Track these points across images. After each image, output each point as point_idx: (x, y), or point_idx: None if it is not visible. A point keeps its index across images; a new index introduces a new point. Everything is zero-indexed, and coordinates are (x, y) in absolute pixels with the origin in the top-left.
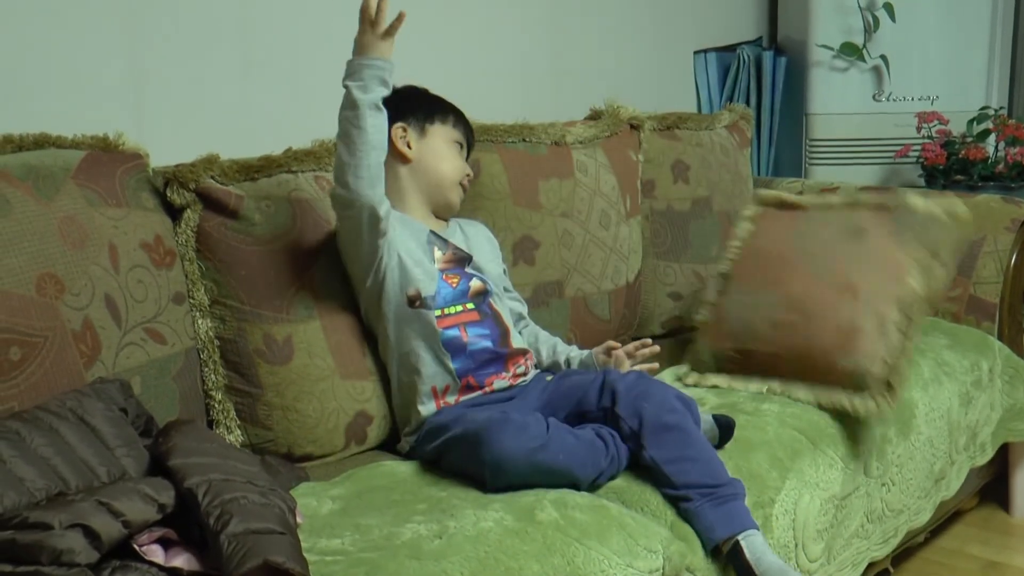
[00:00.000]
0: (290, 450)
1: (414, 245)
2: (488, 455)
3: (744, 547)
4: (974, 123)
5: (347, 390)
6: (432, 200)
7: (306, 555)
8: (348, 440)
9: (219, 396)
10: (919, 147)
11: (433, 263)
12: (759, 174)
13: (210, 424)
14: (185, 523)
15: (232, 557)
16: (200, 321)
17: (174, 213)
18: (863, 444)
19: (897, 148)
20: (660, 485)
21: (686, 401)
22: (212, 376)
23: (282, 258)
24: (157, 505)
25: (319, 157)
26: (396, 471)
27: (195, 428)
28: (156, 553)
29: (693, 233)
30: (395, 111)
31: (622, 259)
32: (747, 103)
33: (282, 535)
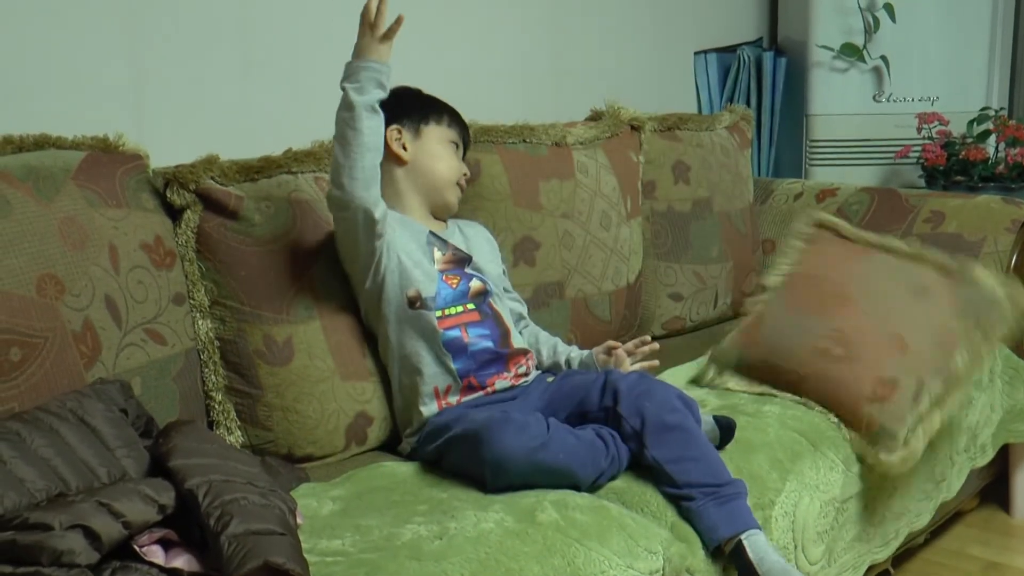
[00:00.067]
0: (290, 451)
1: (414, 246)
2: (489, 454)
3: (747, 546)
4: (974, 124)
5: (347, 391)
6: (430, 201)
7: (306, 556)
8: (348, 441)
9: (219, 397)
10: (919, 148)
11: (433, 264)
12: (759, 175)
13: (210, 425)
14: (185, 524)
15: (232, 558)
16: (200, 322)
17: (174, 214)
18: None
19: (897, 149)
20: (662, 484)
21: (687, 401)
22: (212, 377)
23: (282, 259)
24: (157, 506)
25: (319, 158)
26: (396, 472)
27: (195, 429)
28: (156, 554)
29: (694, 234)
30: (389, 113)
31: (623, 260)
32: (747, 104)
33: (282, 536)
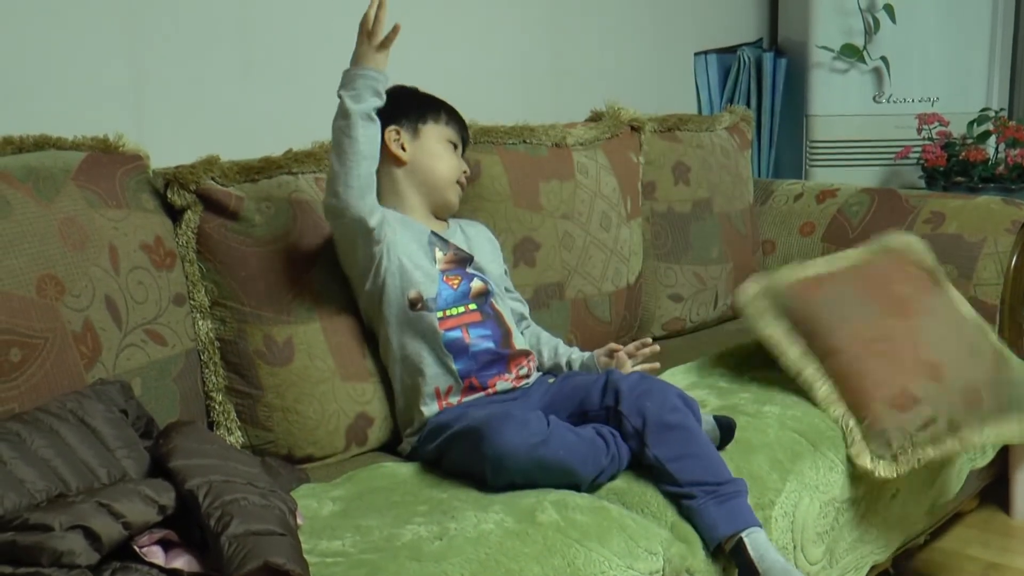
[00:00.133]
0: (291, 452)
1: (415, 247)
2: (489, 450)
3: (747, 544)
4: (974, 125)
5: (348, 392)
6: (431, 200)
7: (306, 556)
8: (349, 442)
9: (219, 397)
10: (919, 149)
11: (434, 264)
12: (759, 176)
13: (210, 426)
14: (186, 524)
15: (233, 558)
16: (200, 322)
17: (174, 214)
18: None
19: (897, 150)
20: (663, 483)
21: (688, 401)
22: (212, 377)
23: (282, 259)
24: (158, 506)
25: (319, 158)
26: (397, 472)
27: (196, 430)
28: (156, 554)
29: (694, 235)
30: (387, 114)
31: (623, 261)
32: (747, 105)
33: (282, 536)
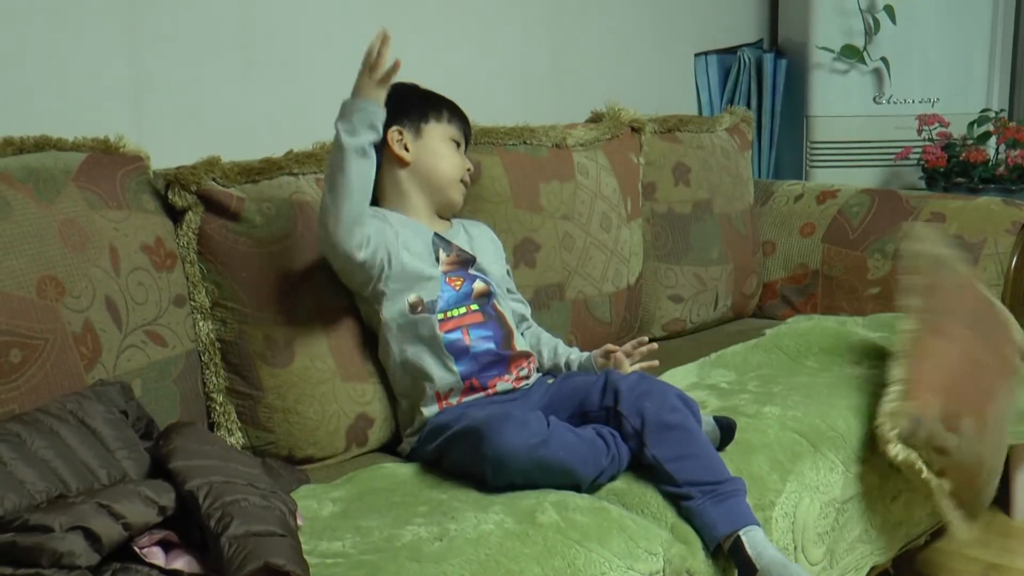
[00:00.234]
0: (291, 452)
1: (418, 250)
2: (489, 450)
3: (745, 542)
4: (975, 125)
5: (348, 392)
6: (434, 200)
7: (307, 557)
8: (349, 442)
9: (220, 398)
10: (920, 149)
11: (437, 266)
12: (760, 176)
13: (211, 426)
14: (186, 525)
15: (233, 559)
16: (201, 323)
17: (175, 215)
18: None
19: (898, 150)
20: (662, 483)
21: (688, 401)
22: (213, 378)
23: (283, 260)
24: (158, 507)
25: (320, 159)
26: (397, 473)
27: (196, 430)
28: (157, 555)
29: (694, 236)
30: (388, 114)
31: (623, 262)
32: (748, 105)
33: (283, 537)
